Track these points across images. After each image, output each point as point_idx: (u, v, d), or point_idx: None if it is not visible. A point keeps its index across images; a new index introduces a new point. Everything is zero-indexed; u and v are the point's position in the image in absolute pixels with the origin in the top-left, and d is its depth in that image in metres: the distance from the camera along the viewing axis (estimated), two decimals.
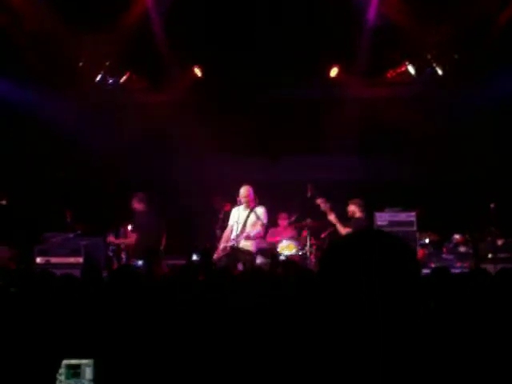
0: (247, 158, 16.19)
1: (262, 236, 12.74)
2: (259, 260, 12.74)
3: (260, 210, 12.04)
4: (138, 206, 12.96)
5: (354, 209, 12.57)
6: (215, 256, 11.82)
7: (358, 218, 12.49)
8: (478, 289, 4.74)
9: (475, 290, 4.71)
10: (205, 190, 14.79)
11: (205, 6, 14.08)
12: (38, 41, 13.84)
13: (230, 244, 11.86)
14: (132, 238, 12.80)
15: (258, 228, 11.99)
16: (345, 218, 12.50)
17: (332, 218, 12.20)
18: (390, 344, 2.21)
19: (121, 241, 13.02)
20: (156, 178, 16.14)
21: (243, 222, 11.90)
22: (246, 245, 11.90)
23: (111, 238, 12.81)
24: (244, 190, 11.98)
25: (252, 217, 11.92)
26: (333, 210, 12.27)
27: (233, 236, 11.99)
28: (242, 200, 11.94)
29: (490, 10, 13.79)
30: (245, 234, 11.91)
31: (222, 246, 11.97)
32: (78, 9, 13.64)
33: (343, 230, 12.09)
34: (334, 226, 13.14)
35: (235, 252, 11.77)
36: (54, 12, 13.67)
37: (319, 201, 12.32)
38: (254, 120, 15.72)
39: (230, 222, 12.17)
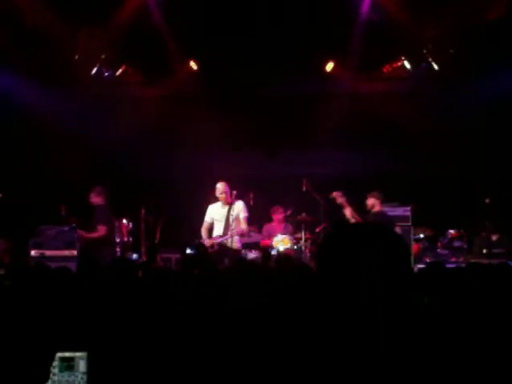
0: (243, 154, 16.16)
1: (253, 229, 12.77)
2: (254, 255, 12.74)
3: (240, 205, 12.08)
4: (96, 199, 12.77)
5: (373, 202, 12.47)
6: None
7: (378, 211, 12.43)
8: (473, 284, 4.75)
9: (470, 285, 4.72)
10: (200, 185, 14.77)
11: (201, 1, 14.08)
12: (34, 34, 13.80)
13: (217, 241, 11.86)
14: (101, 232, 12.56)
15: (244, 223, 12.02)
16: (363, 212, 12.44)
17: (348, 212, 12.01)
18: (385, 337, 2.21)
19: (89, 235, 12.71)
20: (152, 172, 16.13)
21: (225, 218, 11.92)
22: (232, 242, 11.93)
23: (80, 232, 12.56)
24: (220, 186, 12.02)
25: (233, 212, 11.94)
26: (349, 203, 12.15)
27: (217, 233, 12.01)
28: (219, 196, 11.95)
29: (487, 6, 13.78)
30: (238, 231, 11.94)
31: (206, 242, 11.96)
32: (73, 2, 13.62)
33: None
34: (328, 220, 13.19)
35: (222, 249, 11.79)
36: (49, 5, 13.64)
37: (335, 194, 12.17)
38: (250, 115, 15.69)
39: (207, 219, 12.17)
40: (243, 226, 12.05)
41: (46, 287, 5.56)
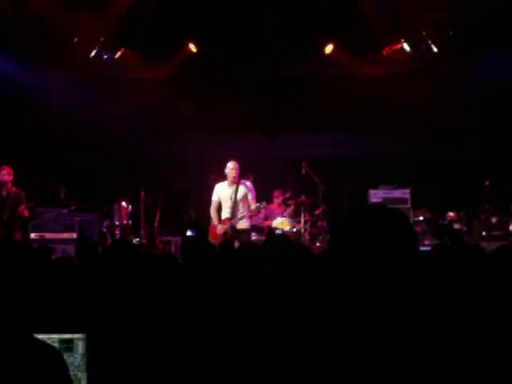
0: (243, 135, 16.14)
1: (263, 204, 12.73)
2: (255, 237, 12.77)
3: (247, 185, 12.05)
4: (10, 177, 12.60)
5: None
6: (213, 236, 11.73)
7: None
8: (473, 266, 4.73)
9: (470, 268, 4.71)
10: (201, 167, 14.77)
11: None
12: (33, 16, 13.73)
13: (229, 226, 11.79)
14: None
15: (253, 204, 11.98)
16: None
17: None
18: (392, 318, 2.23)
19: None
20: (151, 154, 16.13)
21: (233, 199, 11.88)
22: (242, 222, 11.90)
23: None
24: (232, 164, 11.95)
25: (240, 192, 11.91)
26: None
27: (224, 214, 11.95)
28: (230, 173, 11.89)
29: None
30: (249, 213, 11.95)
31: (219, 227, 11.88)
32: None
33: None
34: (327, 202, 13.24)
35: (234, 232, 11.76)
36: None
37: None
38: (250, 97, 15.65)
39: (215, 199, 12.11)
40: (252, 206, 12.01)
41: (47, 269, 5.56)
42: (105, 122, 14.92)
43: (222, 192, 11.99)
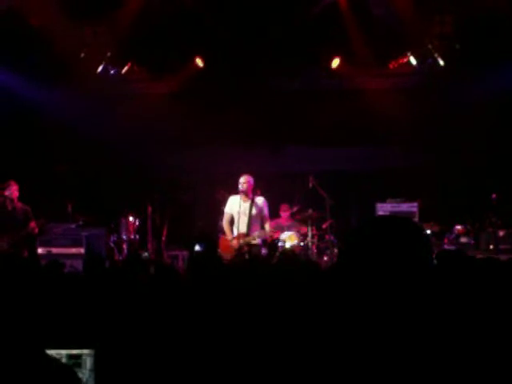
0: (249, 150, 16.15)
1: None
2: (264, 251, 12.73)
3: (261, 201, 11.98)
4: (17, 194, 12.47)
5: None
6: (224, 250, 11.65)
7: None
8: (486, 278, 4.72)
9: (479, 279, 4.70)
10: (207, 182, 14.78)
11: None
12: (39, 33, 13.80)
13: (245, 242, 11.72)
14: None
15: (268, 222, 11.96)
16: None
17: None
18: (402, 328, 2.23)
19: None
20: (158, 169, 16.14)
21: (248, 215, 11.79)
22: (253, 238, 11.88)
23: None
24: (244, 178, 11.87)
25: (256, 207, 11.84)
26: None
27: (242, 229, 11.84)
28: (242, 187, 11.80)
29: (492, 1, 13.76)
30: (267, 234, 11.94)
31: (234, 242, 11.78)
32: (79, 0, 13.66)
33: None
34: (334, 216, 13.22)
35: (249, 247, 11.70)
36: (54, 3, 13.63)
37: None
38: (257, 112, 15.67)
39: (228, 211, 12.02)
40: (267, 226, 11.94)
41: (57, 285, 5.55)
42: (112, 136, 14.94)
43: (235, 206, 11.87)
